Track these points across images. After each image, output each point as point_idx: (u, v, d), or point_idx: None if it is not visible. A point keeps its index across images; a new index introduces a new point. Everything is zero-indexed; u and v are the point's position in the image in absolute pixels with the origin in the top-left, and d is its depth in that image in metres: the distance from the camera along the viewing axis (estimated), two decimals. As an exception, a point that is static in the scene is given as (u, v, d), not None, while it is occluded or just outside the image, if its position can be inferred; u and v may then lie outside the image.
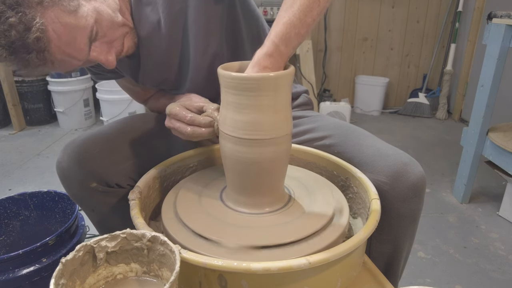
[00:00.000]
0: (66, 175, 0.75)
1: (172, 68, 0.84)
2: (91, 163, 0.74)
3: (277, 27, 0.59)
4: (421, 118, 3.14)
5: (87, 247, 0.50)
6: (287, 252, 0.57)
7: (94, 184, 0.75)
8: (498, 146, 1.57)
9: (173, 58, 0.82)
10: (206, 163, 0.88)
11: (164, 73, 0.85)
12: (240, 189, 0.66)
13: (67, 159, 0.74)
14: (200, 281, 0.55)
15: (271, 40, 0.59)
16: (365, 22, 3.19)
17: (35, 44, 0.57)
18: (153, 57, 0.81)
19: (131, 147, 0.80)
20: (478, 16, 2.82)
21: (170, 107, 0.72)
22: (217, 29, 0.79)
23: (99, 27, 0.65)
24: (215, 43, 0.80)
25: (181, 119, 0.70)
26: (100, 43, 0.67)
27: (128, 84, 0.98)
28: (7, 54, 0.57)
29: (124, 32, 0.73)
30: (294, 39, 0.59)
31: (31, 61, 0.58)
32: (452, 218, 1.71)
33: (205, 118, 0.69)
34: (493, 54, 1.57)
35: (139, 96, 1.00)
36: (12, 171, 2.11)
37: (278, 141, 0.61)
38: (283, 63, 0.61)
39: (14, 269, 0.78)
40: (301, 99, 1.00)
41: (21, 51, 0.57)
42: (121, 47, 0.73)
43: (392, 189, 0.71)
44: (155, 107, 0.99)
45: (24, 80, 2.71)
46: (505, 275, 1.34)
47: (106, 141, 0.78)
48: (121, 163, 0.78)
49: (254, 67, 0.60)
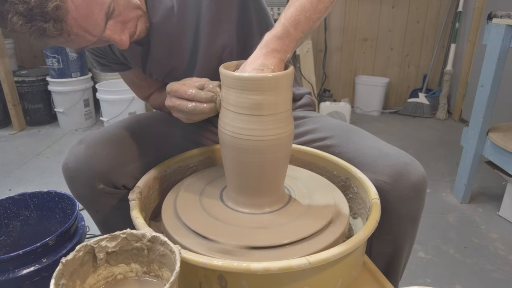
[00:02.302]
0: (72, 176, 0.75)
1: (182, 57, 0.83)
2: (99, 165, 0.74)
3: (288, 10, 0.60)
4: (421, 118, 3.14)
5: (87, 247, 0.50)
6: (287, 252, 0.57)
7: (101, 185, 0.75)
8: (498, 146, 1.57)
9: (184, 46, 0.81)
10: (206, 163, 0.88)
11: (173, 62, 0.84)
12: (240, 189, 0.66)
13: (74, 160, 0.74)
14: (200, 281, 0.55)
15: (280, 23, 0.59)
16: (365, 22, 3.19)
17: (54, 13, 0.56)
18: (163, 44, 0.81)
19: (138, 147, 0.80)
20: (478, 16, 2.82)
21: (170, 85, 0.70)
22: (229, 20, 0.79)
23: (115, 5, 0.65)
24: (226, 34, 0.79)
25: (182, 95, 0.68)
26: (114, 22, 0.67)
27: (133, 77, 0.97)
28: (23, 22, 0.56)
29: (138, 15, 0.73)
30: (304, 23, 0.59)
31: (48, 30, 0.57)
32: (452, 218, 1.71)
33: (206, 93, 0.67)
34: (493, 54, 1.57)
35: (142, 90, 1.00)
36: (12, 171, 2.11)
37: (279, 141, 0.61)
38: (291, 46, 0.60)
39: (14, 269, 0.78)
40: (304, 100, 1.00)
41: (39, 19, 0.56)
42: (134, 29, 0.72)
43: (393, 189, 0.71)
44: (156, 102, 0.99)
45: (24, 80, 2.72)
46: (505, 275, 1.34)
47: (113, 142, 0.77)
48: (128, 164, 0.78)
49: (262, 49, 0.59)
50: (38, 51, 3.25)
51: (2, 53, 2.56)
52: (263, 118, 0.59)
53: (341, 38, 3.23)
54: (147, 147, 0.81)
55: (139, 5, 0.72)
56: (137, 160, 0.79)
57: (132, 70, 0.93)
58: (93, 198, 0.77)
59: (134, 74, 0.95)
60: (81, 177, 0.74)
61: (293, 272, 0.51)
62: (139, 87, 0.99)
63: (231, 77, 0.59)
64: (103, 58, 0.91)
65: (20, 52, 3.29)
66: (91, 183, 0.74)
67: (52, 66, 2.66)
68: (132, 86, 1.01)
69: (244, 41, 0.83)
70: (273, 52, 0.59)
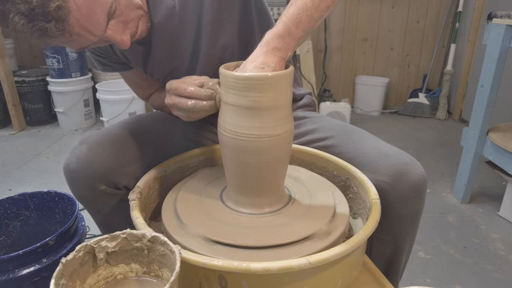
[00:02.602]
0: (74, 177, 0.74)
1: (183, 57, 0.83)
2: (100, 166, 0.73)
3: (290, 8, 0.59)
4: (421, 118, 3.14)
5: (87, 247, 0.50)
6: (287, 252, 0.57)
7: (102, 186, 0.74)
8: (498, 146, 1.57)
9: (185, 46, 0.81)
10: (206, 163, 0.88)
11: (174, 62, 0.84)
12: (240, 189, 0.66)
13: (76, 161, 0.74)
14: (200, 281, 0.55)
15: (282, 21, 0.59)
16: (365, 22, 3.19)
17: (56, 13, 0.56)
18: (165, 44, 0.81)
19: (139, 148, 0.80)
20: (478, 16, 2.82)
21: (170, 82, 0.70)
22: (230, 20, 0.79)
23: (117, 5, 0.65)
24: (227, 34, 0.79)
25: (181, 93, 0.68)
26: (116, 22, 0.67)
27: (134, 77, 0.97)
28: (25, 21, 0.56)
29: (139, 15, 0.73)
30: (305, 21, 0.59)
31: (50, 30, 0.57)
32: (452, 218, 1.71)
33: (206, 90, 0.67)
34: (493, 54, 1.57)
35: (143, 90, 1.00)
36: (12, 171, 2.11)
37: (279, 141, 0.61)
38: (293, 45, 0.60)
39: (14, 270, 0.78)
40: (304, 100, 1.00)
41: (40, 19, 0.56)
42: (135, 28, 0.72)
43: (393, 189, 0.71)
44: (156, 102, 0.98)
45: (24, 81, 2.72)
46: (505, 275, 1.34)
47: (115, 143, 0.77)
48: (130, 165, 0.77)
49: (263, 47, 0.59)
50: (38, 51, 3.25)
51: (2, 53, 2.56)
52: (263, 118, 0.59)
53: (341, 38, 3.23)
54: (148, 148, 0.81)
55: (140, 5, 0.72)
56: (138, 160, 0.79)
57: (133, 70, 0.93)
58: (94, 199, 0.77)
59: (135, 74, 0.95)
60: (83, 178, 0.74)
61: (293, 272, 0.51)
62: (140, 87, 0.99)
63: (230, 77, 0.59)
64: (104, 58, 0.91)
65: (20, 52, 3.29)
66: (92, 184, 0.74)
67: (52, 66, 2.66)
68: (133, 86, 1.01)
69: (245, 41, 0.83)
70: (274, 51, 0.59)
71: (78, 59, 2.71)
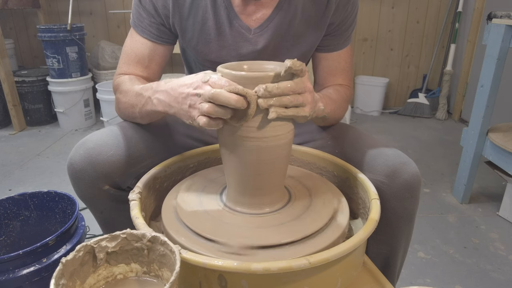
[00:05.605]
0: (78, 176, 0.74)
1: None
2: (105, 166, 0.73)
3: (330, 103, 0.78)
4: (421, 118, 3.14)
5: (87, 247, 0.50)
6: (287, 252, 0.57)
7: (106, 186, 0.74)
8: (498, 146, 1.57)
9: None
10: (206, 163, 0.88)
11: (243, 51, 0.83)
12: (240, 189, 0.66)
13: (80, 160, 0.73)
14: (200, 281, 0.55)
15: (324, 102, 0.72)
16: (365, 22, 3.19)
17: None
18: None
19: (142, 148, 0.79)
20: (478, 16, 2.82)
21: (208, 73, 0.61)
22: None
23: None
24: (307, 44, 0.88)
25: (216, 85, 0.57)
26: None
27: (145, 51, 0.84)
28: None
29: None
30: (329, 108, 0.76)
31: None
32: (452, 218, 1.71)
33: (243, 89, 0.56)
34: (493, 54, 1.57)
35: (137, 68, 0.85)
36: (12, 171, 2.11)
37: (279, 141, 0.61)
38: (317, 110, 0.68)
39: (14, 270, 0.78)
40: None
41: None
42: None
43: (389, 188, 0.71)
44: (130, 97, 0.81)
45: (25, 81, 2.72)
46: (505, 275, 1.34)
47: (119, 143, 0.76)
48: (134, 166, 0.77)
49: None
50: (38, 51, 3.25)
51: (2, 53, 2.56)
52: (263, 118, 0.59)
53: (341, 38, 3.23)
54: (151, 148, 0.81)
55: None
56: (142, 161, 0.78)
57: (160, 45, 0.84)
58: (98, 198, 0.76)
59: (155, 50, 0.84)
60: (87, 177, 0.73)
61: (293, 272, 0.51)
62: (138, 64, 0.85)
63: (230, 77, 0.59)
64: (152, 18, 0.82)
65: (20, 52, 3.30)
66: (96, 184, 0.73)
67: (52, 66, 2.67)
68: (131, 60, 0.85)
69: None
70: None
71: (78, 59, 2.71)
